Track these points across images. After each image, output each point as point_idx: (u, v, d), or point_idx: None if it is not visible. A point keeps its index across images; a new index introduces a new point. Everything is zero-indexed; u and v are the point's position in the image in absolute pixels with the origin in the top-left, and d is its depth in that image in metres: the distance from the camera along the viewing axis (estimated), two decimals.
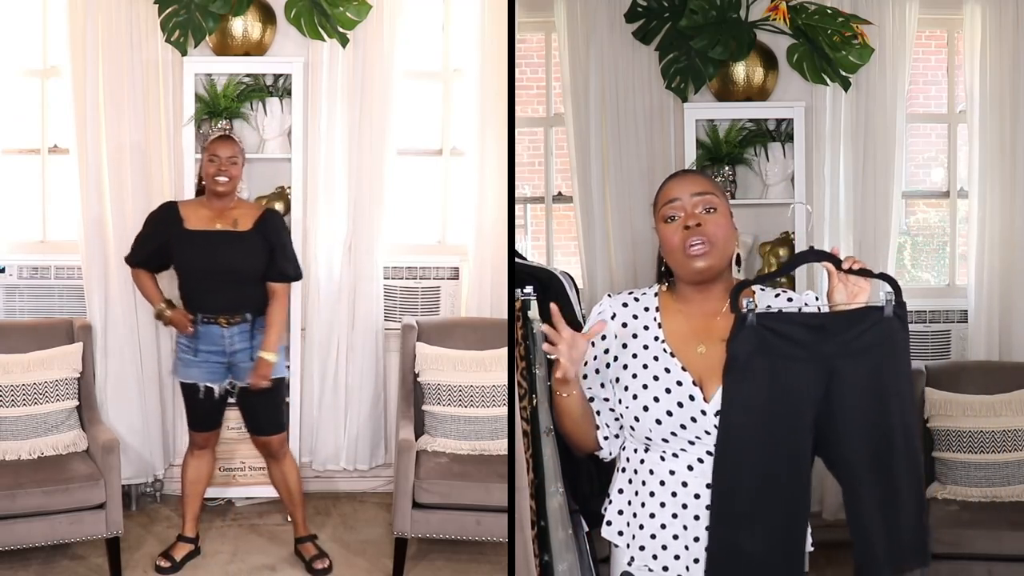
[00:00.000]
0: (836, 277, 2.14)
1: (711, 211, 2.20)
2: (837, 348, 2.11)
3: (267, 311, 4.00)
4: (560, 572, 3.14)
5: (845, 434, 2.13)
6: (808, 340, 2.11)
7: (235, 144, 4.04)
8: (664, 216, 2.23)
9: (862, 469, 2.14)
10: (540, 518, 3.11)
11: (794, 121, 4.55)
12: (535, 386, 3.14)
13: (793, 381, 2.11)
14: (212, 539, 4.27)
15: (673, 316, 2.26)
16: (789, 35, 4.52)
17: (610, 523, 2.30)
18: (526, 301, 3.15)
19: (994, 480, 4.12)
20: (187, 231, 3.99)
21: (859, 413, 2.13)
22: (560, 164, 5.08)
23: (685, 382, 2.19)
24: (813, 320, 2.14)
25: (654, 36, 4.56)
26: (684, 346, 2.22)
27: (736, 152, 4.61)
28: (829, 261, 2.15)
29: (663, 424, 2.18)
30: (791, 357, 2.11)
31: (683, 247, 2.18)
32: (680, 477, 2.18)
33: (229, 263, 3.96)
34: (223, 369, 3.99)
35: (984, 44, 4.55)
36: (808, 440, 2.13)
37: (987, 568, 3.84)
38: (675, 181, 2.27)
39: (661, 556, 2.20)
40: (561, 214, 5.30)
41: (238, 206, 4.08)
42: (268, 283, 4.02)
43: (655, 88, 4.59)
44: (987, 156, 4.58)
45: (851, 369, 2.11)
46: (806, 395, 2.12)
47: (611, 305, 2.31)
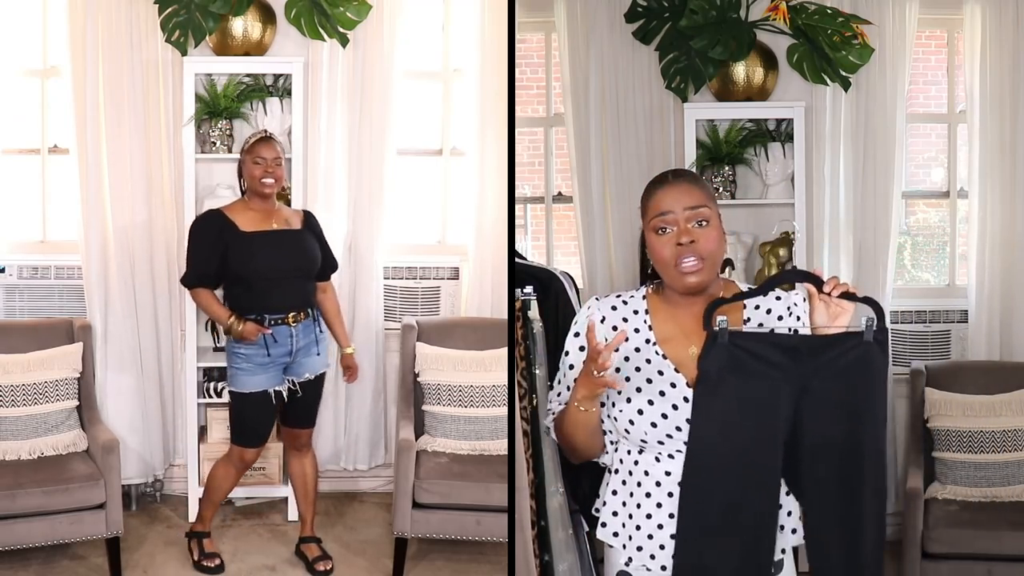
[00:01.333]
0: (817, 298, 2.12)
1: (703, 224, 2.17)
2: (811, 370, 2.09)
3: (325, 308, 4.08)
4: (560, 572, 3.14)
5: (813, 454, 2.11)
6: (781, 361, 2.09)
7: (278, 145, 3.98)
8: (655, 227, 2.19)
9: (827, 491, 2.13)
10: (540, 518, 3.11)
11: (794, 121, 4.54)
12: (535, 386, 3.14)
13: (764, 400, 2.09)
14: (212, 539, 4.26)
15: (663, 318, 2.25)
16: (789, 35, 4.52)
17: (605, 524, 2.28)
18: (526, 301, 3.16)
19: (994, 480, 4.12)
20: (246, 234, 3.85)
21: (828, 435, 2.11)
22: (560, 164, 5.08)
23: (679, 384, 2.18)
24: (788, 341, 2.12)
25: (654, 36, 4.56)
26: (676, 348, 2.21)
27: (736, 152, 4.61)
28: (811, 282, 2.13)
29: (659, 427, 2.17)
30: (762, 376, 2.09)
31: (675, 262, 2.16)
32: (676, 478, 2.17)
33: (296, 260, 3.94)
34: (283, 370, 3.94)
35: (984, 44, 4.55)
36: (777, 458, 2.12)
37: (987, 568, 3.85)
38: (667, 191, 2.20)
39: (659, 556, 2.19)
40: (561, 214, 5.30)
41: (280, 207, 4.06)
42: (319, 281, 4.06)
43: (655, 88, 4.59)
44: (987, 156, 4.58)
45: (823, 390, 2.09)
46: (776, 414, 2.10)
47: (599, 308, 2.28)
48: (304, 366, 3.97)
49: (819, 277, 2.12)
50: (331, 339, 4.14)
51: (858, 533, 2.14)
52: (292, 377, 3.95)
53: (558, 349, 3.34)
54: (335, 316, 4.13)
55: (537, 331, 3.18)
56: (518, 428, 3.08)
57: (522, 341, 3.12)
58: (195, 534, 4.17)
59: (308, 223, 4.06)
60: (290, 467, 4.23)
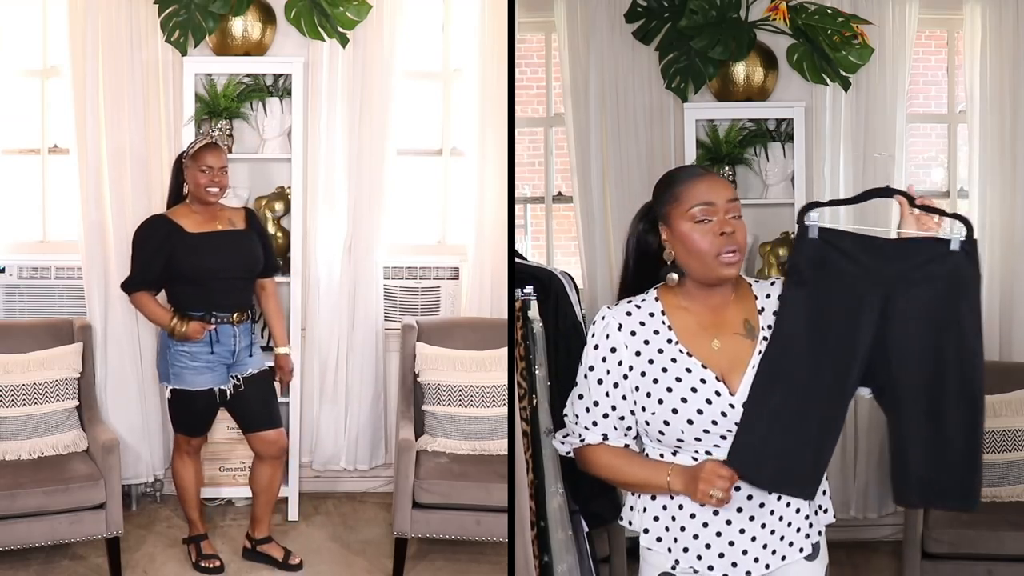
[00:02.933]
0: (907, 211, 2.17)
1: (738, 218, 2.21)
2: (897, 273, 2.12)
3: (267, 307, 4.16)
4: (560, 572, 3.14)
5: (895, 361, 2.13)
6: (868, 261, 2.13)
7: (224, 152, 3.99)
8: (695, 217, 2.18)
9: (909, 398, 2.15)
10: (540, 518, 3.11)
11: (794, 121, 4.54)
12: (535, 386, 3.14)
13: (848, 298, 2.13)
14: (212, 539, 4.26)
15: (680, 315, 2.25)
16: (789, 35, 4.52)
17: (647, 531, 2.27)
18: (526, 301, 3.16)
19: (994, 480, 4.11)
20: (192, 235, 3.91)
21: (912, 342, 2.13)
22: (560, 164, 5.08)
23: (708, 379, 2.18)
24: (876, 242, 2.16)
25: (654, 36, 4.56)
26: (698, 343, 2.22)
27: (736, 152, 4.61)
28: (902, 196, 2.18)
29: (694, 424, 2.17)
30: (849, 274, 2.13)
31: (716, 253, 2.17)
32: None
33: (242, 260, 3.99)
34: (227, 369, 3.99)
35: (984, 44, 4.54)
36: (855, 360, 2.13)
37: (987, 568, 3.84)
38: (707, 182, 2.21)
39: (705, 555, 2.20)
40: (561, 214, 5.30)
41: (223, 207, 4.08)
42: (260, 279, 4.11)
43: (655, 88, 4.59)
44: (987, 156, 4.58)
45: (908, 297, 2.12)
46: (859, 314, 2.13)
47: (614, 316, 2.26)
48: (244, 365, 3.99)
49: (909, 193, 2.18)
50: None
51: (943, 445, 2.14)
52: (236, 374, 3.99)
53: (558, 349, 3.36)
54: (275, 314, 4.17)
55: (537, 331, 3.18)
56: (518, 428, 3.08)
57: (522, 341, 3.12)
58: (191, 539, 4.17)
59: (251, 222, 4.09)
60: (255, 474, 4.15)
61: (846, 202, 2.27)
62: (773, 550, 2.20)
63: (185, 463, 4.14)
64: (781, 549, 2.21)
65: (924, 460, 2.16)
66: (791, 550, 2.22)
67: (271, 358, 4.19)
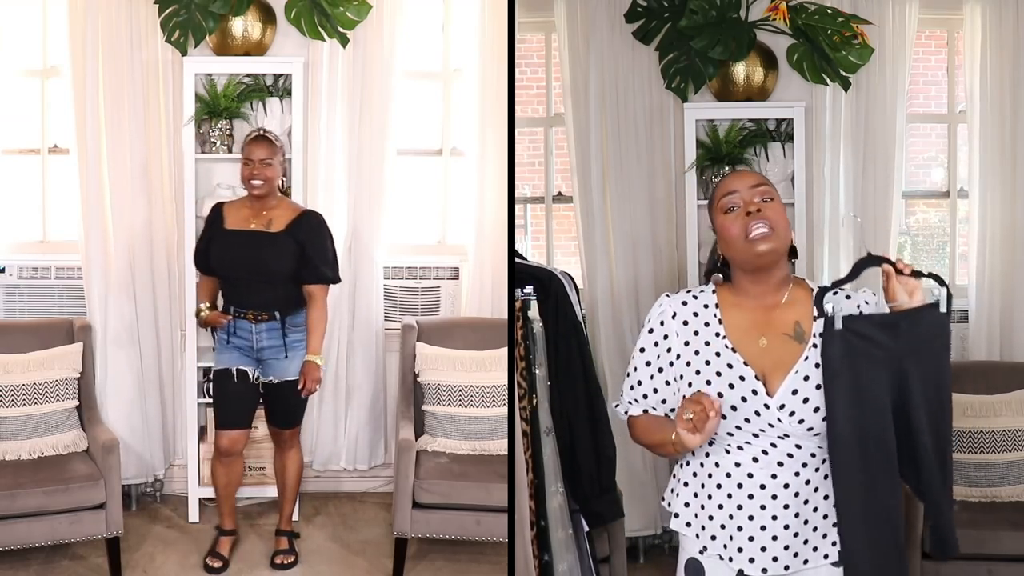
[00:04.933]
0: (895, 279, 2.20)
1: (768, 200, 2.26)
2: (907, 346, 2.18)
3: (308, 314, 3.98)
4: (560, 572, 3.15)
5: (915, 427, 2.19)
6: (885, 341, 2.18)
7: (271, 144, 3.98)
8: (723, 208, 2.28)
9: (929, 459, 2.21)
10: (540, 518, 3.12)
11: (794, 121, 4.54)
12: (535, 386, 3.15)
13: (875, 381, 2.17)
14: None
15: (732, 311, 2.30)
16: (789, 35, 4.52)
17: (678, 515, 2.36)
18: (526, 301, 3.16)
19: (994, 480, 4.11)
20: (225, 231, 4.00)
21: (926, 407, 2.19)
22: (560, 164, 5.08)
23: (748, 377, 2.22)
24: (889, 320, 2.21)
25: (654, 36, 4.56)
26: (745, 340, 2.26)
27: (736, 152, 4.61)
28: (889, 264, 2.21)
29: (728, 419, 2.22)
30: (871, 358, 2.17)
31: (744, 234, 2.23)
32: (746, 469, 2.23)
33: (257, 263, 3.94)
34: (254, 361, 3.99)
35: (984, 44, 4.55)
36: (892, 439, 2.20)
37: (987, 568, 3.84)
38: (732, 177, 2.33)
39: (730, 545, 2.26)
40: (561, 214, 5.30)
41: (278, 206, 4.01)
42: (305, 286, 3.97)
43: (655, 88, 4.59)
44: (987, 156, 4.58)
45: (918, 366, 2.19)
46: (886, 394, 2.18)
47: (670, 304, 2.34)
48: (272, 367, 3.98)
49: (891, 260, 2.22)
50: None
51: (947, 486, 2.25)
52: (260, 374, 4.00)
53: (558, 349, 3.36)
54: (314, 322, 3.98)
55: (537, 331, 3.19)
56: (518, 428, 3.08)
57: (522, 341, 3.12)
58: (217, 530, 4.22)
59: (294, 227, 3.95)
60: (274, 461, 4.29)
61: (846, 280, 2.29)
62: (805, 539, 2.24)
63: (214, 464, 4.12)
64: (814, 540, 2.24)
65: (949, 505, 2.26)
66: (824, 542, 2.25)
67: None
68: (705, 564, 2.30)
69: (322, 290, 4.01)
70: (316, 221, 4.02)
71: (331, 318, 4.73)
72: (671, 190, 4.60)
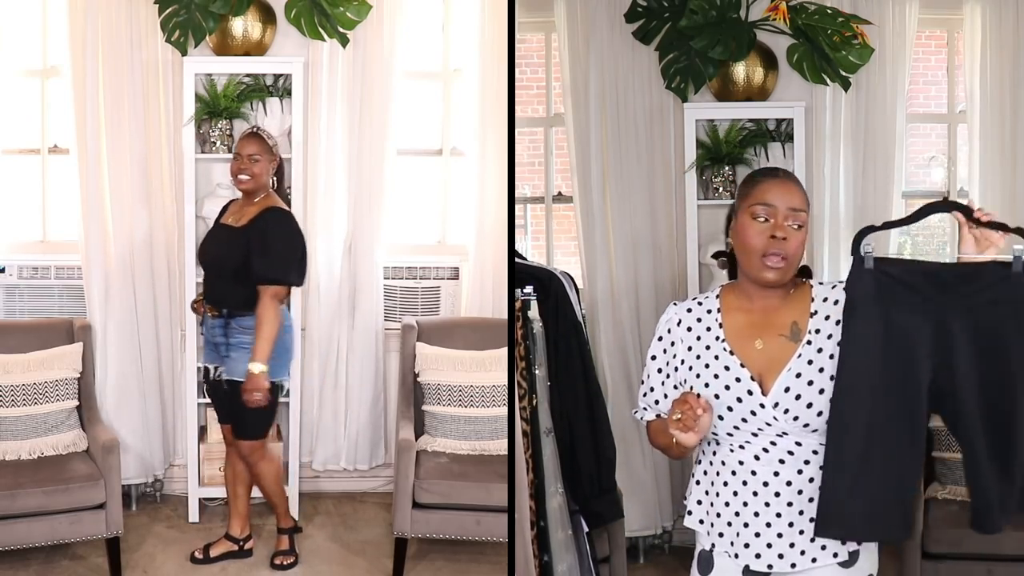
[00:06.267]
0: (967, 228, 2.17)
1: (798, 227, 2.24)
2: (957, 301, 2.08)
3: (256, 316, 3.82)
4: (560, 572, 3.15)
5: (960, 390, 2.10)
6: (926, 289, 2.09)
7: (260, 141, 3.97)
8: (753, 213, 2.25)
9: (976, 427, 2.11)
10: (540, 518, 3.12)
11: (794, 121, 4.54)
12: (535, 386, 3.15)
13: (908, 329, 2.10)
14: (212, 539, 4.26)
15: (733, 313, 2.32)
16: (789, 35, 4.52)
17: (691, 512, 2.40)
18: (526, 301, 3.16)
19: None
20: (214, 225, 4.14)
21: (977, 370, 2.09)
22: (560, 164, 5.08)
23: (743, 378, 2.25)
24: (933, 268, 2.13)
25: (654, 36, 4.56)
26: (742, 342, 2.28)
27: (736, 152, 4.61)
28: (960, 211, 2.16)
29: (725, 419, 2.26)
30: (907, 305, 2.10)
31: (761, 251, 2.22)
32: (748, 467, 2.26)
33: (212, 257, 4.04)
34: (220, 357, 4.00)
35: (984, 44, 4.54)
36: (921, 390, 2.12)
37: (987, 568, 3.84)
38: (777, 184, 2.26)
39: (736, 542, 2.28)
40: (561, 214, 5.30)
41: (260, 203, 3.97)
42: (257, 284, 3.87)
43: (655, 88, 4.59)
44: (987, 156, 4.58)
45: (970, 325, 2.08)
46: (921, 345, 2.10)
47: (676, 312, 2.39)
48: (226, 365, 3.95)
49: (968, 207, 2.16)
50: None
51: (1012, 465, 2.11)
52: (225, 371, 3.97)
53: (558, 349, 3.36)
54: (259, 325, 3.79)
55: (537, 331, 3.19)
56: (518, 428, 3.08)
57: (522, 341, 3.12)
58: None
59: (254, 223, 3.88)
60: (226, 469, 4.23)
61: (902, 223, 2.21)
62: (812, 537, 2.23)
63: (226, 460, 4.22)
64: (822, 539, 2.23)
65: (997, 479, 2.13)
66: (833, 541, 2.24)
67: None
68: (715, 560, 2.33)
69: (267, 291, 3.80)
70: (275, 217, 3.90)
71: (331, 318, 4.75)
72: (671, 190, 4.60)
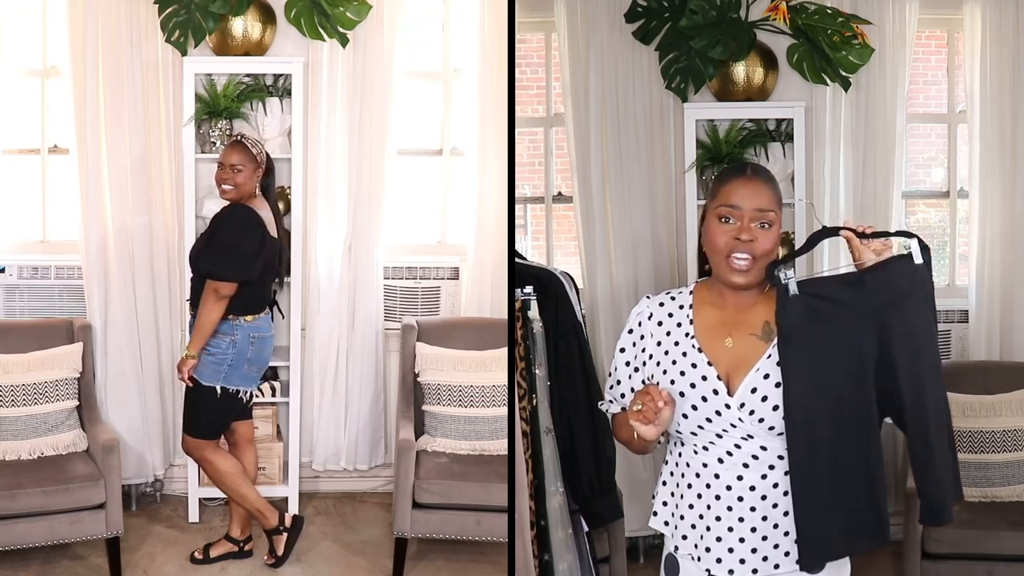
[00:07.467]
0: (858, 242, 2.19)
1: (766, 226, 2.22)
2: (881, 301, 2.14)
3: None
4: (560, 572, 3.15)
5: (904, 385, 2.15)
6: (852, 298, 2.14)
7: (244, 150, 3.97)
8: (719, 214, 2.23)
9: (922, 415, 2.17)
10: (540, 518, 3.12)
11: (794, 121, 4.54)
12: (535, 386, 3.15)
13: (847, 340, 2.14)
14: (212, 539, 4.26)
15: (705, 310, 2.29)
16: (789, 35, 4.52)
17: (656, 513, 2.38)
18: (526, 301, 3.16)
19: (994, 480, 4.11)
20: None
21: (911, 361, 2.15)
22: (560, 164, 5.08)
23: (710, 376, 2.21)
24: (851, 278, 2.17)
25: (654, 36, 4.56)
26: (712, 340, 2.25)
27: (736, 152, 4.61)
28: (847, 230, 2.19)
29: (689, 418, 2.22)
30: (840, 318, 2.14)
31: (727, 251, 2.21)
32: (712, 470, 2.22)
33: (189, 258, 4.09)
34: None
35: (984, 44, 4.54)
36: (873, 397, 2.16)
37: (987, 568, 3.85)
38: (741, 185, 2.24)
39: (700, 545, 2.26)
40: (561, 214, 5.30)
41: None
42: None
43: (655, 88, 4.59)
44: (987, 156, 4.58)
45: (898, 319, 2.14)
46: (862, 351, 2.15)
47: (648, 306, 2.35)
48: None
49: (850, 227, 2.20)
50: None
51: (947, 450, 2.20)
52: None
53: (558, 349, 3.36)
54: (196, 316, 3.88)
55: (537, 331, 3.19)
56: (518, 428, 3.08)
57: (522, 341, 3.12)
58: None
59: (211, 220, 4.00)
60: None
61: (800, 252, 2.27)
62: (776, 544, 2.21)
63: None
64: (785, 545, 2.21)
65: (944, 478, 2.20)
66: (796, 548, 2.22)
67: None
68: (680, 562, 2.31)
69: (208, 285, 3.85)
70: (224, 213, 3.96)
71: (331, 318, 4.76)
72: (671, 190, 4.60)
